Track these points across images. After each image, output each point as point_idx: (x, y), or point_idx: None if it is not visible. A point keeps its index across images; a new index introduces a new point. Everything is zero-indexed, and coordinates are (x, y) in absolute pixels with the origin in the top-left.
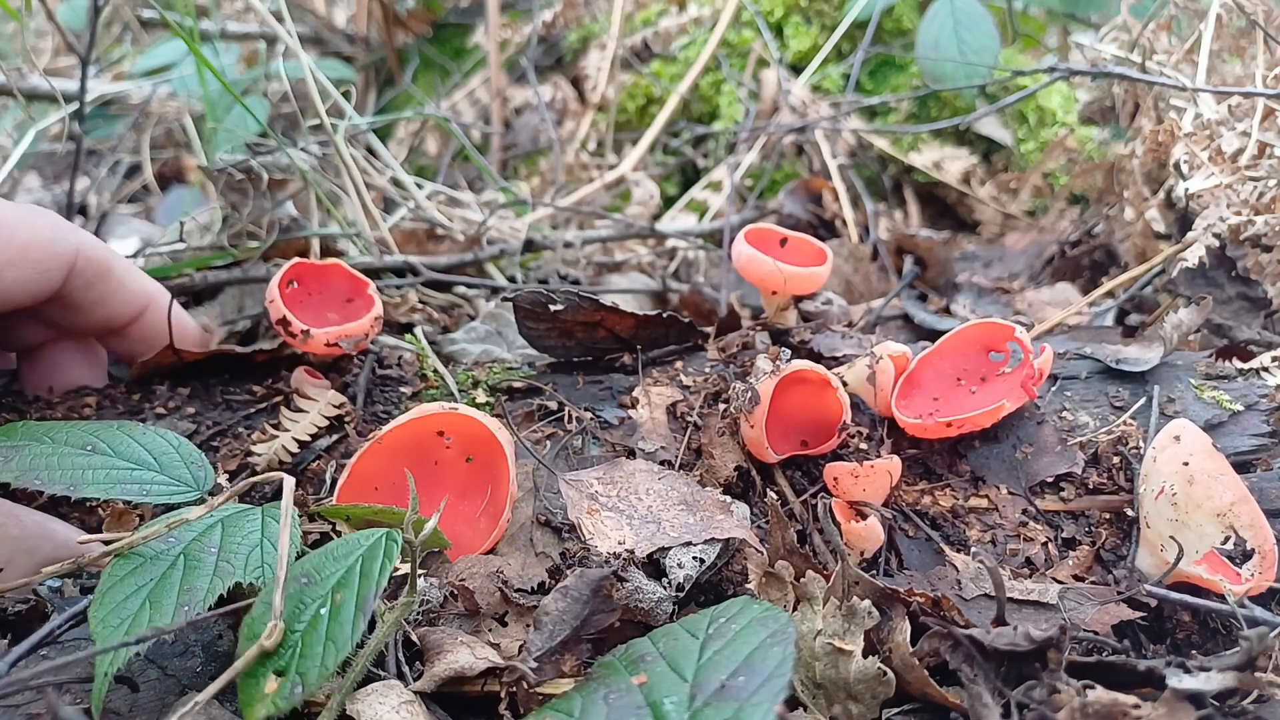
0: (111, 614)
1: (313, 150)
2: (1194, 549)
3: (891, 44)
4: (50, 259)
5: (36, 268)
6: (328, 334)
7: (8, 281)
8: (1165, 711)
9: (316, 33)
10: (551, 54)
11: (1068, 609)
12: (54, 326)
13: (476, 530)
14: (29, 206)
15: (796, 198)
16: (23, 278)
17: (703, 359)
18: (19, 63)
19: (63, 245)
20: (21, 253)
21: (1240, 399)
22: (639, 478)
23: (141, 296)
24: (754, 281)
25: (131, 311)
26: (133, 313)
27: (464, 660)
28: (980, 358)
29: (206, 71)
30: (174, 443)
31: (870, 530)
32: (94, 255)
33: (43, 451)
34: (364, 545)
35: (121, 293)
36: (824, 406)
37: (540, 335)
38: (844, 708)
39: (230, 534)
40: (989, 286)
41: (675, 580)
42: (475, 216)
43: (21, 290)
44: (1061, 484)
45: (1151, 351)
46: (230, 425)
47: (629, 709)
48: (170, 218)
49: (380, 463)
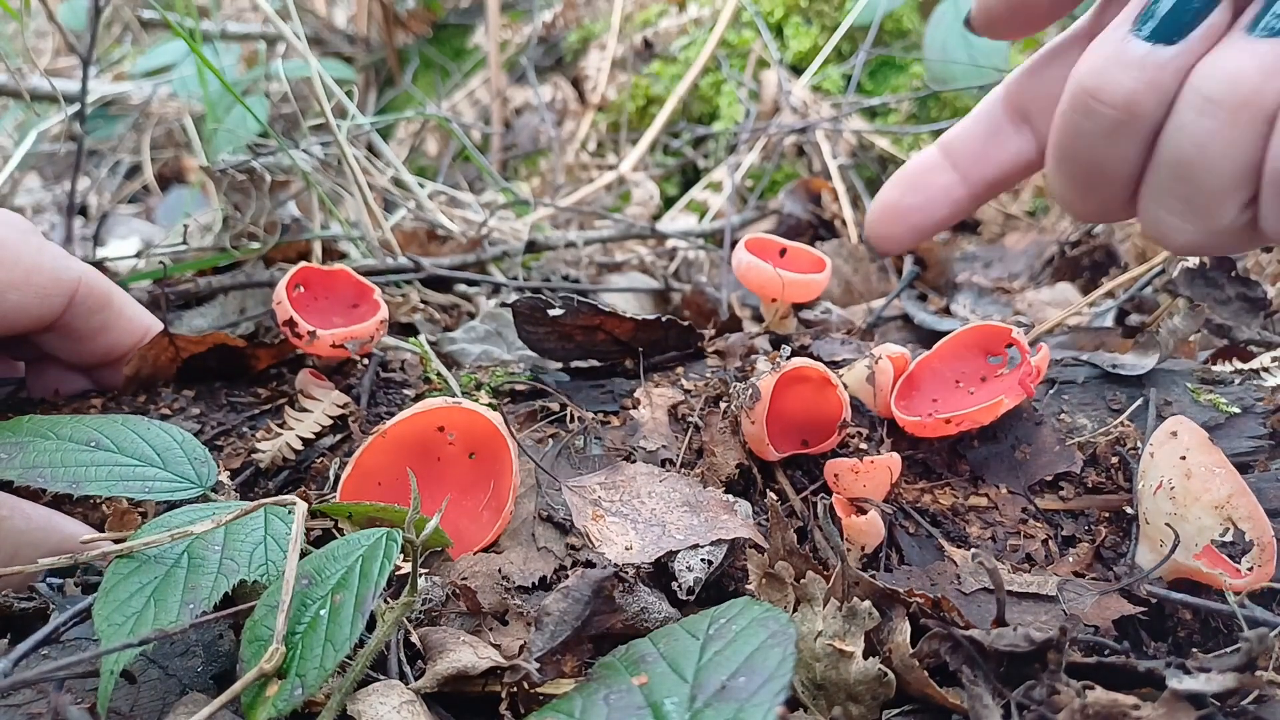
0: (116, 611)
1: (314, 151)
2: (1193, 542)
3: (892, 45)
4: (53, 284)
5: (39, 292)
6: (334, 335)
7: (10, 304)
8: (1165, 712)
9: (317, 33)
10: (551, 54)
11: (1067, 600)
12: (55, 359)
13: (479, 524)
14: (33, 232)
15: (797, 198)
16: (25, 301)
17: (703, 365)
18: (20, 63)
19: (66, 273)
20: (25, 277)
21: (1237, 402)
22: (640, 481)
23: (140, 327)
24: (754, 289)
25: (131, 341)
26: (132, 343)
27: (466, 659)
28: (978, 360)
29: (207, 72)
30: (178, 438)
31: (871, 525)
32: (96, 285)
33: (47, 448)
34: (364, 545)
35: (122, 321)
36: (824, 405)
37: (539, 339)
38: (844, 709)
39: (234, 532)
40: (989, 287)
41: (685, 584)
42: (476, 217)
43: (23, 314)
44: (1060, 483)
45: (1148, 356)
46: (234, 425)
47: (629, 709)
48: (170, 218)
49: (384, 458)
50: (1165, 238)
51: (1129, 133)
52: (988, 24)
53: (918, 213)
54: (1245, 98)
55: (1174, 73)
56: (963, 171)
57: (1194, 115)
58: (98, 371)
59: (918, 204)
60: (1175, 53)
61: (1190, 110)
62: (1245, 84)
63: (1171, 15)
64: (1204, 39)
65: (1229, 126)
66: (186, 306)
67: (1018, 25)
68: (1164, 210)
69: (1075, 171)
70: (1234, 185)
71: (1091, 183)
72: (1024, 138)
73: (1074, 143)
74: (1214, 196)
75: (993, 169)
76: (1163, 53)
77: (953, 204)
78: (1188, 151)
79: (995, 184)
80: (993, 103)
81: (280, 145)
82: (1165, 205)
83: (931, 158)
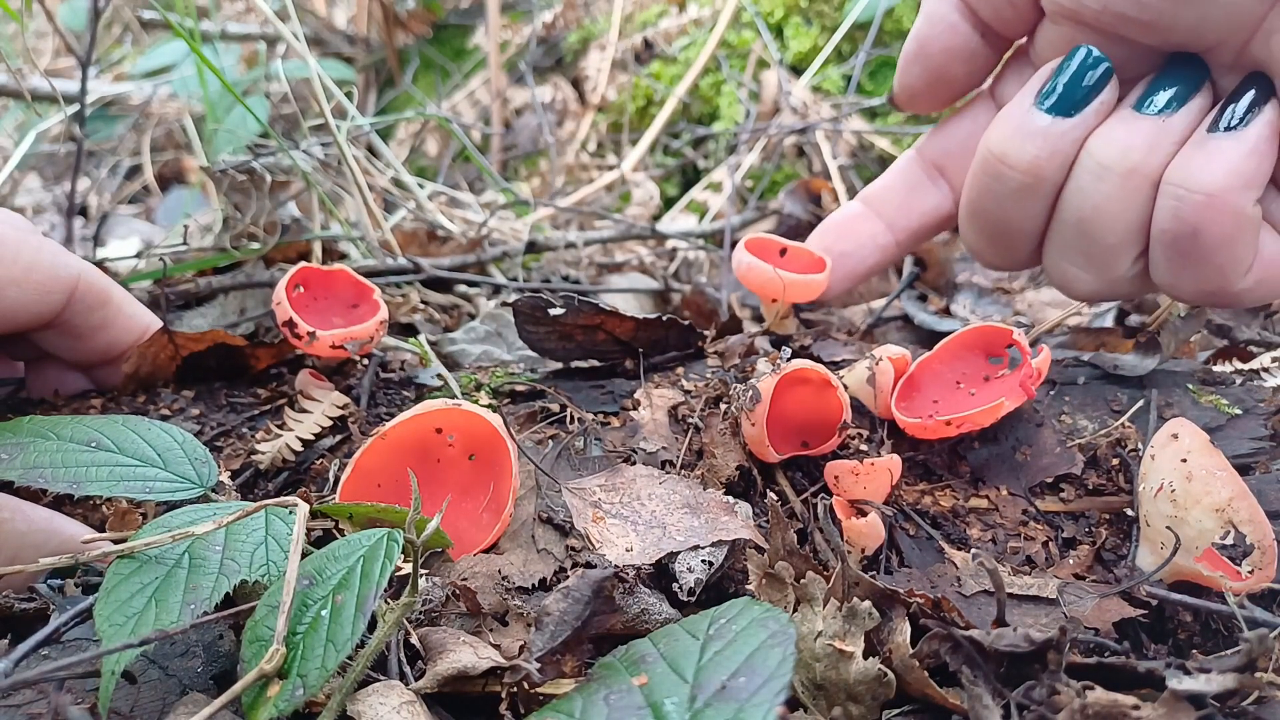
0: (117, 612)
1: (314, 151)
2: (1194, 544)
3: (892, 45)
4: (52, 281)
5: (39, 289)
6: (334, 336)
7: (9, 300)
8: (1165, 712)
9: (317, 33)
10: (551, 55)
11: (1067, 603)
12: (55, 358)
13: (479, 525)
14: (32, 230)
15: (797, 198)
16: (24, 298)
17: (704, 366)
18: (20, 63)
19: (65, 270)
20: (25, 273)
21: (1238, 403)
22: (640, 483)
23: (139, 324)
24: (754, 289)
25: (130, 339)
26: (131, 340)
27: (467, 660)
28: (979, 362)
29: (207, 72)
30: (178, 438)
31: (871, 526)
32: (95, 282)
33: (47, 448)
34: (365, 546)
35: (121, 318)
36: (824, 407)
37: (540, 338)
38: (844, 709)
39: (235, 532)
40: (989, 287)
41: (686, 585)
42: (476, 217)
43: (23, 311)
44: (1061, 485)
45: (1149, 358)
46: (234, 426)
47: (630, 709)
48: (171, 218)
49: (383, 459)
50: (1068, 286)
51: (1033, 194)
52: (909, 99)
53: (849, 259)
54: (1133, 166)
55: (1072, 142)
56: (888, 221)
57: (1091, 180)
58: (97, 370)
59: (848, 250)
60: (1073, 124)
61: (1087, 175)
62: (1134, 154)
63: (1068, 91)
64: (1097, 113)
65: (1121, 190)
66: (186, 306)
67: (937, 99)
68: (1066, 262)
69: (985, 227)
70: (1127, 242)
71: (1001, 237)
72: (941, 191)
73: (984, 201)
74: (1110, 251)
75: (915, 218)
76: (1062, 124)
77: (880, 250)
78: (1086, 212)
79: (919, 233)
80: (909, 160)
81: (280, 146)
82: (1067, 258)
83: (855, 209)
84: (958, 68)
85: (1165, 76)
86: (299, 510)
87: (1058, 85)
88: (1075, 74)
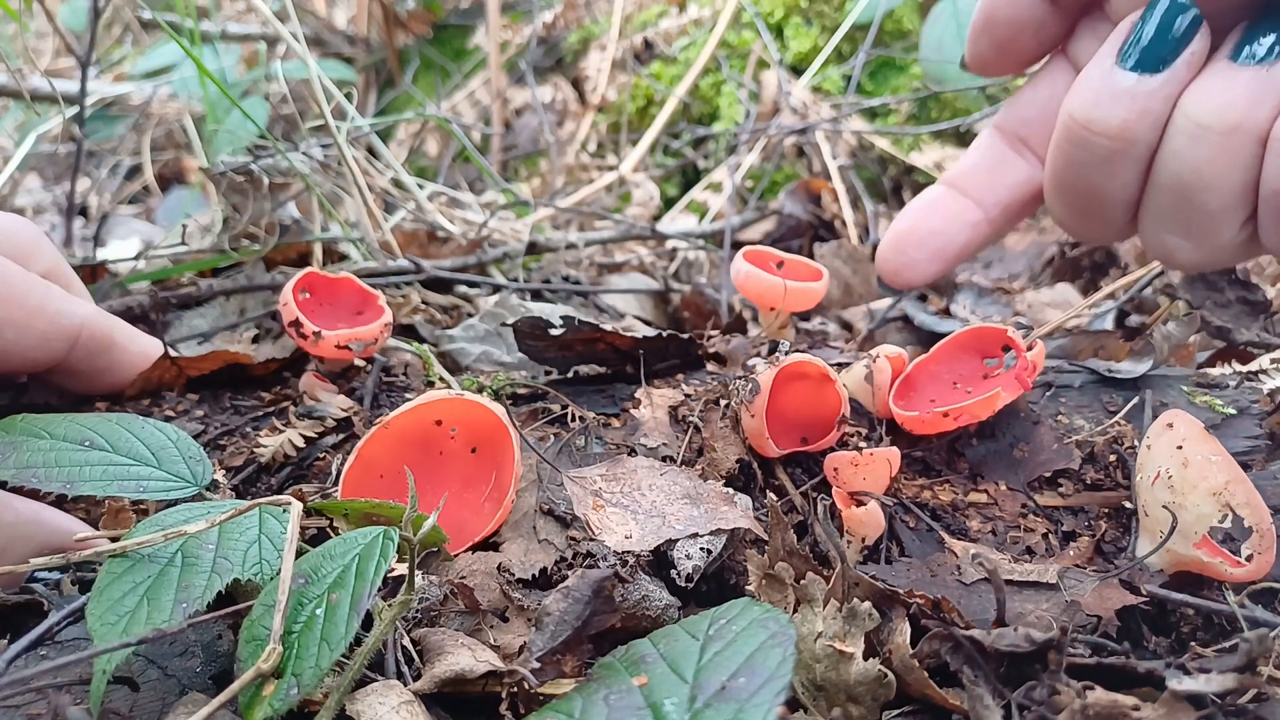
0: (109, 611)
1: (314, 152)
2: (1192, 530)
3: (892, 45)
4: (53, 330)
5: (40, 336)
6: (339, 336)
7: (7, 342)
8: (1165, 712)
9: (317, 34)
10: (552, 55)
11: (1068, 587)
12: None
13: (481, 516)
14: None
15: (796, 199)
16: (24, 342)
17: (704, 373)
18: (20, 64)
19: (68, 319)
20: (28, 318)
21: (1233, 404)
22: (641, 474)
23: (142, 358)
24: (753, 298)
25: (133, 373)
26: (135, 372)
27: (464, 663)
28: (975, 362)
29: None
30: (172, 436)
31: (871, 515)
32: (98, 329)
33: (40, 448)
34: (361, 544)
35: (125, 357)
36: (823, 403)
37: (540, 351)
38: (844, 710)
39: (228, 531)
40: (989, 287)
41: (684, 571)
42: (476, 218)
43: (20, 355)
44: (1059, 480)
45: (1143, 362)
46: (238, 426)
47: (629, 710)
48: (170, 219)
49: (386, 450)
50: (1169, 257)
51: (1125, 160)
52: (980, 64)
53: (938, 236)
54: (1235, 123)
55: (1163, 100)
56: (976, 198)
57: (1187, 141)
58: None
59: (938, 227)
60: (1162, 80)
61: (1183, 137)
62: (1234, 111)
63: (1153, 45)
64: (1188, 66)
65: (1222, 151)
66: (186, 307)
67: (1007, 64)
68: (1165, 231)
69: (1074, 199)
70: (1232, 206)
71: (1092, 208)
72: (1029, 163)
73: (1071, 172)
74: (1213, 217)
75: (1004, 193)
76: (1149, 82)
77: (972, 228)
78: (1185, 176)
79: (1010, 208)
80: (989, 135)
81: (277, 150)
82: (1166, 227)
83: (938, 191)
84: (1026, 39)
85: (1264, 22)
86: (293, 508)
87: (1141, 38)
88: (1160, 25)
